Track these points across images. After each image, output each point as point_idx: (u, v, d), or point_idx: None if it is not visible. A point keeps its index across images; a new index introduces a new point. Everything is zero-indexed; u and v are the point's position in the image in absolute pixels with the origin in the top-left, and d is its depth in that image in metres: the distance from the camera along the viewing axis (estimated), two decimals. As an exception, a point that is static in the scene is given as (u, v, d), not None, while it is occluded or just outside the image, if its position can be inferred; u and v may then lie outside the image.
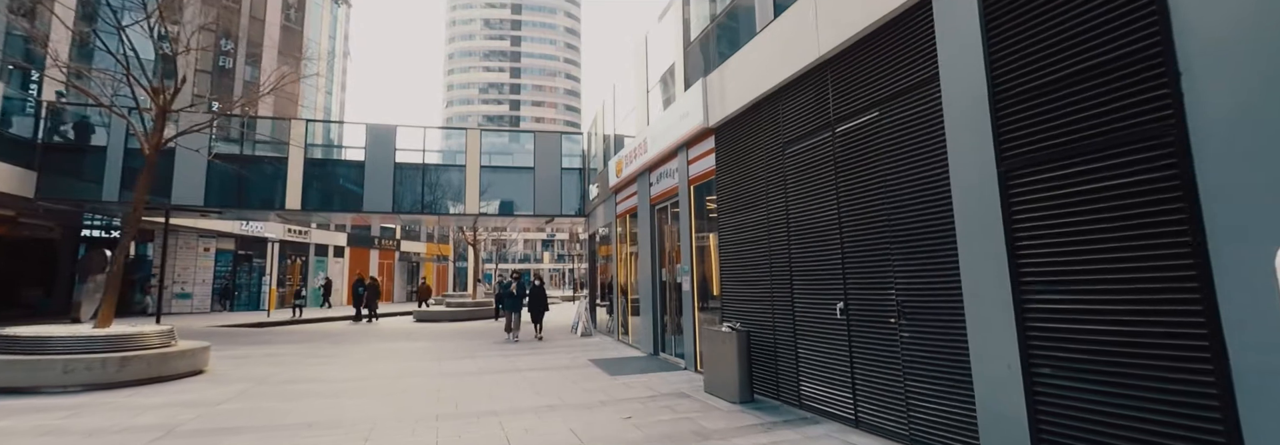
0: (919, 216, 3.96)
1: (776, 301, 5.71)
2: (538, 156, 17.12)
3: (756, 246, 6.10)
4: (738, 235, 6.53)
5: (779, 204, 5.70)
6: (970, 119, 3.50)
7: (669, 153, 8.65)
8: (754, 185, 6.21)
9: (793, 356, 5.43)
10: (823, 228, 5.01)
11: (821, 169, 5.05)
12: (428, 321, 18.58)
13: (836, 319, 4.79)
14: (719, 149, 7.07)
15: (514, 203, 16.73)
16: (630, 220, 11.39)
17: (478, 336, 13.44)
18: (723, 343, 5.90)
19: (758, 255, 6.07)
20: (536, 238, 75.21)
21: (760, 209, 6.05)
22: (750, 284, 6.21)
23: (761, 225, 6.02)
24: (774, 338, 5.74)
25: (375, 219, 19.09)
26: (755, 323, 6.04)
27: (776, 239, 5.73)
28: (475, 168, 16.67)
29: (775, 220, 5.76)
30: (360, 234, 33.13)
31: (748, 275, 6.28)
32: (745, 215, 6.37)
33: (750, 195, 6.28)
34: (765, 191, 5.97)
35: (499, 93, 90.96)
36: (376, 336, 13.89)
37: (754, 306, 6.13)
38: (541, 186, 16.86)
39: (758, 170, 6.15)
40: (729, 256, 6.73)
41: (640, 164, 9.98)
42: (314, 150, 17.40)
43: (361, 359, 9.56)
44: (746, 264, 6.31)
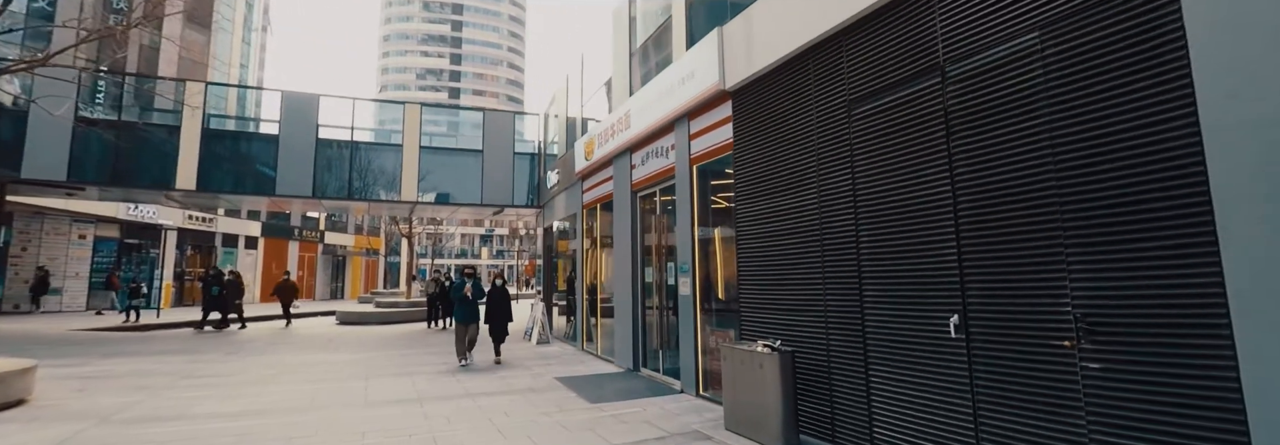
0: (1131, 188, 2.61)
1: (833, 313, 4.29)
2: (488, 138, 15.17)
3: (800, 239, 4.66)
4: (767, 226, 5.08)
5: (840, 182, 4.27)
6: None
7: (662, 127, 7.11)
8: (795, 161, 4.77)
9: (861, 388, 4.02)
10: (921, 212, 3.61)
11: (920, 130, 3.65)
12: (353, 324, 16.25)
13: (945, 338, 3.40)
14: (739, 117, 5.60)
15: (458, 190, 14.72)
16: (601, 210, 9.78)
17: (414, 344, 11.46)
18: (756, 366, 4.43)
19: (802, 251, 4.64)
20: (474, 232, 71.95)
21: (806, 191, 4.62)
22: (788, 288, 4.77)
23: (808, 212, 4.59)
24: (828, 361, 4.32)
25: (294, 205, 16.53)
26: (799, 341, 4.60)
27: (834, 229, 4.30)
28: (414, 149, 14.55)
29: (833, 204, 4.33)
30: (278, 224, 29.79)
31: (784, 277, 4.83)
32: (780, 200, 4.92)
33: (788, 174, 4.84)
34: (815, 168, 4.53)
35: (437, 79, 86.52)
36: (287, 345, 11.64)
37: (793, 319, 4.69)
38: (491, 172, 14.93)
39: (801, 141, 4.71)
40: (753, 253, 5.27)
41: (619, 143, 8.39)
42: (217, 122, 14.79)
43: (260, 379, 7.50)
44: (781, 262, 4.87)
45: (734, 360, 4.68)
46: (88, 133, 12.09)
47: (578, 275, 10.69)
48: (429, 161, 14.65)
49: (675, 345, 7.12)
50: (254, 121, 15.15)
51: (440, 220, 38.13)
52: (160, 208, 20.92)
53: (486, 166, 14.96)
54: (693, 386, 6.22)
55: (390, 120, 16.09)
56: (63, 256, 19.18)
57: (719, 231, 6.27)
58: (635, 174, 8.16)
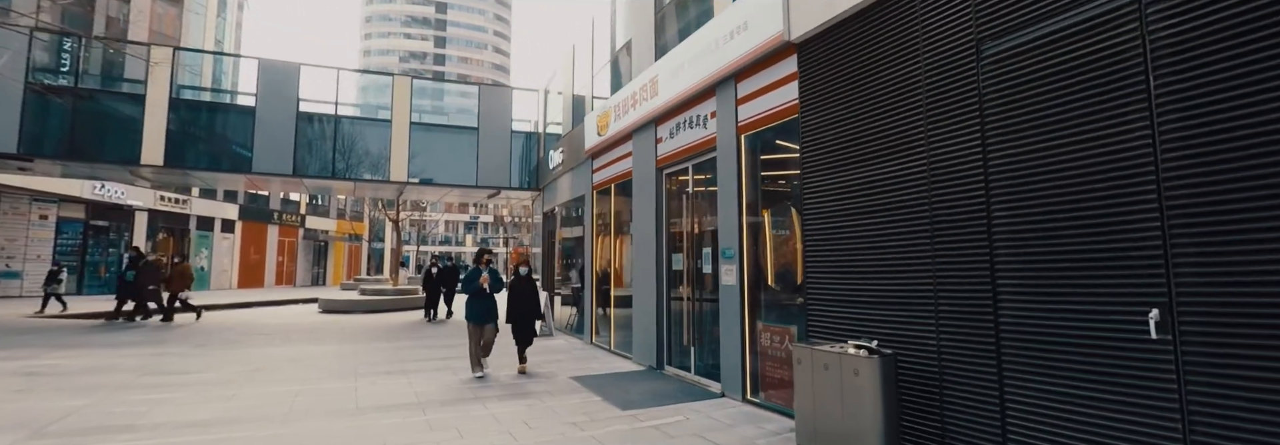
0: None
1: (947, 306, 3.46)
2: (483, 115, 14.12)
3: (897, 218, 3.82)
4: (846, 202, 4.23)
5: (962, 145, 3.42)
6: None
7: (699, 91, 6.20)
8: (890, 122, 3.91)
9: (990, 400, 3.21)
10: (1101, 177, 2.77)
11: (1103, 70, 2.79)
12: (337, 313, 15.23)
13: (1139, 340, 2.59)
14: (808, 74, 4.71)
15: (451, 171, 13.68)
16: (616, 191, 8.87)
17: (405, 335, 10.53)
18: (847, 372, 3.60)
19: (900, 231, 3.80)
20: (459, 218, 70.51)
21: (907, 158, 3.77)
22: (876, 277, 3.94)
23: (910, 183, 3.74)
24: (939, 366, 3.50)
25: (273, 185, 15.38)
26: (894, 341, 3.77)
27: (951, 203, 3.46)
28: (403, 125, 13.47)
29: (950, 173, 3.48)
30: (256, 207, 28.44)
31: (870, 264, 3.99)
32: (865, 170, 4.07)
33: (880, 138, 3.98)
34: (922, 129, 3.68)
35: (421, 62, 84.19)
36: (266, 336, 10.65)
37: (883, 314, 3.87)
38: (487, 152, 13.91)
39: (899, 97, 3.85)
40: (825, 235, 4.42)
41: (642, 114, 7.47)
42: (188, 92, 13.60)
43: (232, 378, 6.55)
44: (868, 246, 4.03)
45: (812, 364, 3.84)
46: (42, 101, 10.88)
47: (585, 263, 9.80)
48: (420, 139, 13.58)
49: (707, 342, 6.30)
50: (229, 93, 13.93)
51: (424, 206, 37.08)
52: (130, 187, 19.60)
53: (482, 145, 13.93)
54: (737, 390, 5.39)
55: (377, 94, 14.95)
56: (22, 238, 17.84)
57: (770, 212, 5.42)
58: (662, 149, 7.25)
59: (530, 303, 7.10)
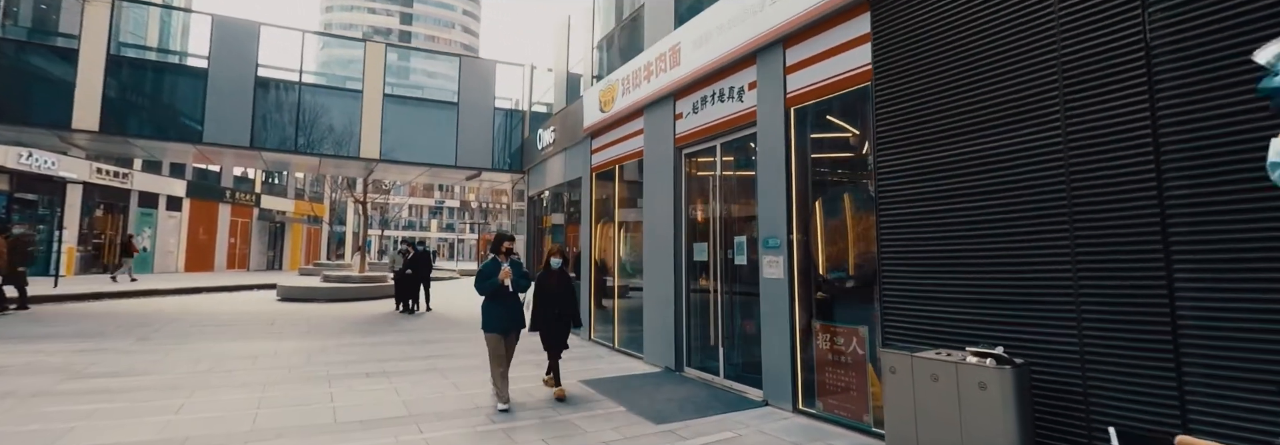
0: None
1: (1093, 305, 2.85)
2: (464, 90, 13.04)
3: (1018, 199, 3.18)
4: (943, 183, 3.57)
5: (1126, 108, 2.78)
6: None
7: (735, 60, 5.45)
8: (1002, 86, 3.25)
9: (1173, 420, 2.61)
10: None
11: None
12: (297, 301, 14.05)
13: None
14: (885, 35, 4.00)
15: (428, 149, 12.60)
16: (621, 174, 8.08)
17: (379, 329, 9.57)
18: (970, 386, 2.95)
19: (1023, 215, 3.16)
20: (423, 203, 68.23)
21: (1035, 126, 3.12)
22: (989, 270, 3.30)
23: (1038, 157, 3.10)
24: (1084, 379, 2.89)
25: (226, 158, 14.00)
26: (1024, 347, 3.14)
27: (1101, 179, 2.83)
28: (376, 97, 12.30)
29: (1099, 142, 2.85)
30: (206, 184, 26.49)
31: (980, 254, 3.35)
32: (970, 144, 3.41)
33: (992, 105, 3.32)
34: (1057, 91, 3.03)
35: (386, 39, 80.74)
36: (219, 328, 9.55)
37: (1002, 314, 3.24)
38: (468, 129, 12.86)
39: (1019, 56, 3.18)
40: (910, 222, 3.77)
41: (658, 87, 6.69)
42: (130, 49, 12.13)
43: (180, 381, 5.59)
44: (973, 234, 3.38)
45: (913, 374, 3.19)
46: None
47: (582, 251, 9.00)
48: (394, 113, 12.44)
49: (740, 341, 5.63)
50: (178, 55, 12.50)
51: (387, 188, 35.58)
52: (63, 157, 17.79)
53: (463, 122, 12.87)
54: (786, 398, 4.73)
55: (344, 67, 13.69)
56: (-68, 213, 15.96)
57: (825, 196, 4.74)
58: (682, 126, 6.49)
59: (565, 303, 5.40)
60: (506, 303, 5.04)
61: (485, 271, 5.03)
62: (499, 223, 62.20)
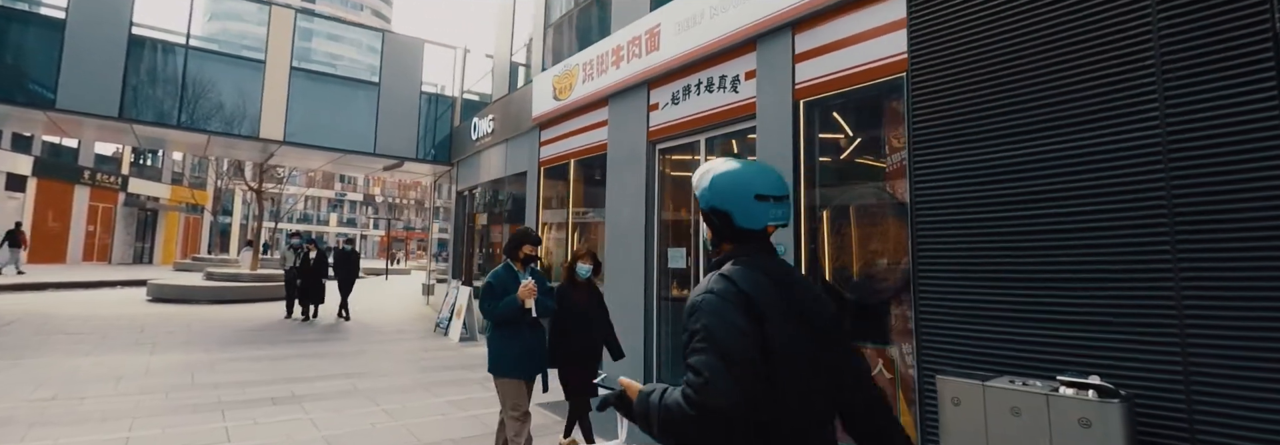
0: None
1: (1199, 326, 2.51)
2: (388, 69, 11.70)
3: (1105, 204, 2.81)
4: (999, 187, 3.17)
5: (1251, 99, 2.46)
6: None
7: (730, 46, 4.91)
8: (1082, 77, 2.88)
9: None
10: None
11: None
12: (173, 302, 12.05)
13: None
14: (924, 19, 3.57)
15: (342, 133, 11.17)
16: (577, 169, 7.34)
17: (278, 339, 8.22)
18: (1062, 422, 2.52)
19: (1108, 223, 2.79)
20: (322, 195, 63.09)
21: (1128, 122, 2.76)
22: (1059, 285, 2.92)
23: (1130, 156, 2.74)
24: (1190, 412, 2.54)
25: (85, 131, 11.76)
26: (1119, 376, 2.76)
27: (1207, 182, 2.50)
28: (282, 69, 10.73)
29: (1213, 139, 2.51)
30: (59, 161, 22.70)
31: (1046, 267, 2.96)
32: (1039, 143, 3.02)
33: (1068, 99, 2.94)
34: (1155, 82, 2.68)
35: (289, 14, 74.13)
36: (72, 335, 7.82)
37: (1077, 335, 2.85)
38: (389, 114, 11.54)
39: (1104, 43, 2.83)
40: (954, 230, 3.35)
41: (628, 75, 6.05)
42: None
43: (12, 413, 4.28)
44: (1037, 244, 2.99)
45: (985, 406, 2.74)
46: None
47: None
48: (303, 90, 10.93)
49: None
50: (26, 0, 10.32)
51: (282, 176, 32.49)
52: None
53: (384, 105, 11.54)
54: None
55: (247, 26, 11.91)
56: None
57: (833, 200, 4.29)
58: (657, 118, 5.87)
59: (600, 327, 4.06)
60: (529, 334, 3.48)
61: (496, 286, 3.42)
62: (403, 220, 58.74)
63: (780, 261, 1.34)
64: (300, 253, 9.97)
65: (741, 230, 1.33)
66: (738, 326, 1.15)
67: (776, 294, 1.23)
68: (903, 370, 3.74)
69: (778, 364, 1.17)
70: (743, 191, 1.32)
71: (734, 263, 1.30)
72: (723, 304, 1.18)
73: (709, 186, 1.37)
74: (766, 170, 1.37)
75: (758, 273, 1.26)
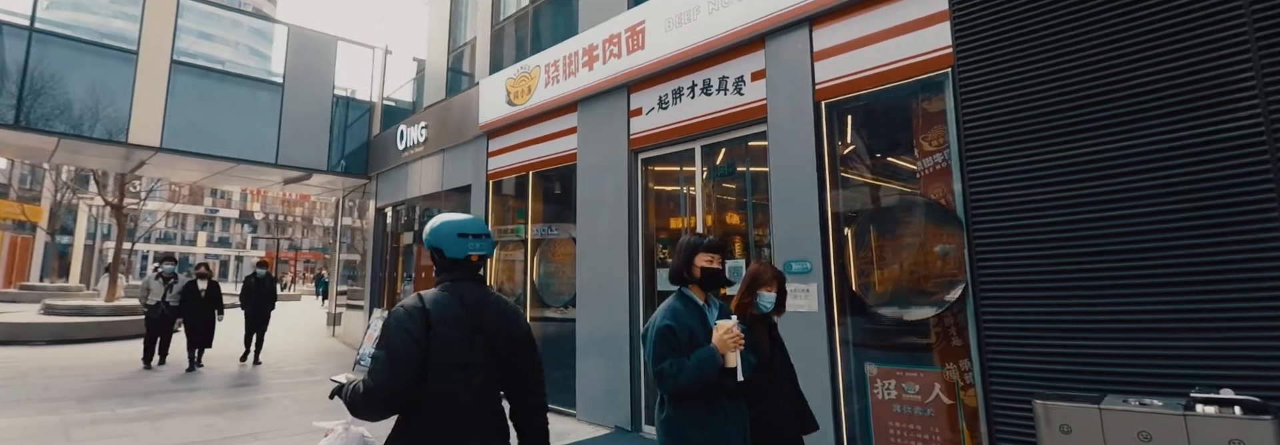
0: None
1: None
2: (294, 68, 10.28)
3: (1203, 202, 2.58)
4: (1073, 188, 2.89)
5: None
6: None
7: (734, 44, 4.50)
8: (1164, 67, 2.70)
9: None
10: None
11: None
12: (4, 344, 9.67)
13: None
14: (970, 10, 3.32)
15: (236, 140, 9.60)
16: (536, 183, 6.60)
17: (150, 388, 6.66)
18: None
19: (1215, 222, 2.56)
20: (190, 211, 56.00)
21: (1221, 112, 2.57)
22: (1148, 291, 2.65)
23: (1226, 150, 2.54)
24: None
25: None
26: (1242, 387, 2.48)
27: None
28: (159, 63, 9.07)
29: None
30: None
31: (1132, 272, 2.69)
32: (1118, 139, 2.79)
33: (1149, 91, 2.73)
34: (1252, 69, 2.51)
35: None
36: None
37: (1200, 345, 2.58)
38: (296, 119, 10.11)
39: (1192, 30, 2.65)
40: (1020, 237, 3.04)
41: (603, 77, 5.52)
42: None
43: None
44: (1121, 248, 2.73)
45: (1109, 433, 2.35)
46: None
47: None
48: (187, 88, 9.30)
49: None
50: None
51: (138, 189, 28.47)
52: None
53: (289, 109, 10.10)
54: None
55: (121, 6, 10.05)
56: None
57: (860, 208, 3.93)
58: (640, 124, 5.32)
59: (792, 387, 2.65)
60: (731, 409, 2.17)
61: (680, 332, 2.14)
62: (287, 239, 53.39)
63: (477, 287, 1.82)
64: (170, 283, 7.94)
65: (450, 260, 1.83)
66: (409, 332, 1.62)
67: (459, 309, 1.72)
68: (963, 394, 3.36)
69: (433, 359, 1.63)
70: (450, 231, 1.82)
71: (440, 286, 1.79)
72: (406, 315, 1.66)
73: (429, 231, 1.87)
74: (471, 218, 1.89)
75: (449, 295, 1.74)
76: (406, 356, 1.61)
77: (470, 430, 1.70)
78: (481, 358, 1.73)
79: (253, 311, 8.43)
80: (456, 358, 1.69)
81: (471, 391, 1.71)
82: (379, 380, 1.59)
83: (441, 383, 1.65)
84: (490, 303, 1.83)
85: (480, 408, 1.73)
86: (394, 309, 1.71)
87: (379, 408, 1.61)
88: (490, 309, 1.81)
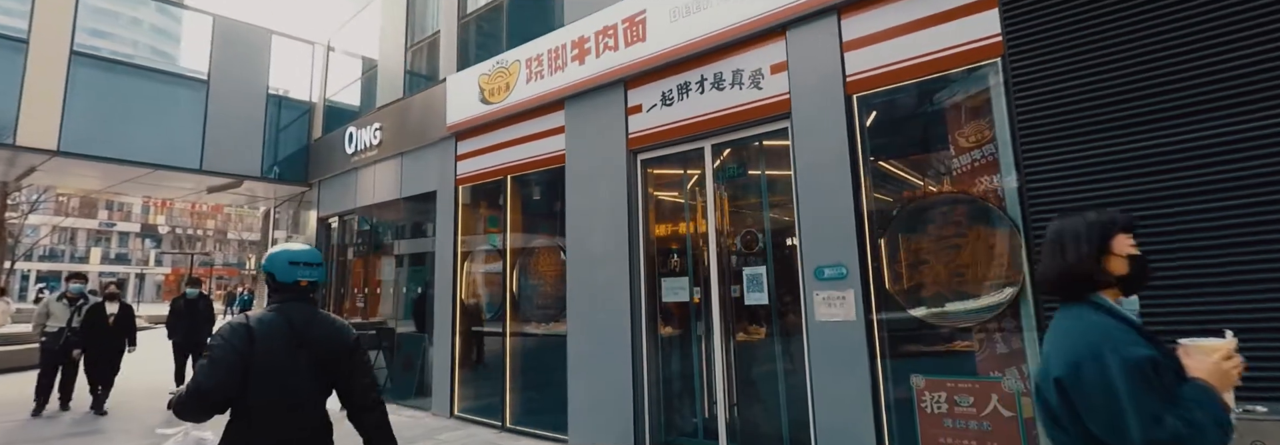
0: None
1: None
2: (221, 63, 9.22)
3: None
4: (1155, 180, 2.75)
5: None
6: None
7: (750, 35, 4.22)
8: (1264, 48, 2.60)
9: None
10: None
11: None
12: None
13: None
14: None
15: (152, 143, 8.46)
16: (514, 188, 6.07)
17: (42, 437, 5.61)
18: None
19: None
20: (82, 225, 50.48)
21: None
22: (1259, 287, 2.51)
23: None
24: None
25: None
26: None
27: None
28: (56, 52, 7.87)
29: None
30: None
31: (1240, 268, 2.55)
32: (1219, 124, 2.66)
33: (1243, 73, 2.63)
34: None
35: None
36: None
37: None
38: (223, 120, 9.05)
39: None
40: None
41: (597, 71, 5.14)
42: None
43: None
44: (1235, 241, 2.59)
45: None
46: None
47: (438, 292, 6.54)
48: (91, 84, 8.14)
49: (762, 404, 4.19)
50: None
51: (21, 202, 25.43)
52: None
53: (216, 109, 9.04)
54: (881, 492, 3.41)
55: None
56: None
57: (895, 208, 3.70)
58: (640, 123, 4.93)
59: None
60: None
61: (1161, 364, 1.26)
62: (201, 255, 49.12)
63: (305, 307, 2.10)
64: (79, 305, 6.62)
65: (280, 284, 2.11)
66: (232, 345, 1.90)
67: (284, 325, 2.01)
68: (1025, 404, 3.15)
69: (257, 369, 1.91)
70: (283, 259, 2.11)
71: (269, 307, 2.08)
72: (230, 331, 1.95)
73: (267, 258, 2.14)
74: (307, 249, 2.18)
75: (275, 314, 2.03)
76: (226, 362, 1.87)
77: (295, 429, 2.00)
78: (305, 367, 2.00)
79: (183, 339, 7.17)
80: (279, 367, 1.95)
81: (295, 396, 2.00)
82: (200, 381, 1.84)
83: (265, 389, 1.92)
84: (316, 320, 2.11)
85: (305, 410, 2.03)
86: (220, 327, 1.99)
87: (200, 405, 1.85)
88: (316, 326, 2.09)
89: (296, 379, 2.00)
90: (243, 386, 1.89)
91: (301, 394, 2.01)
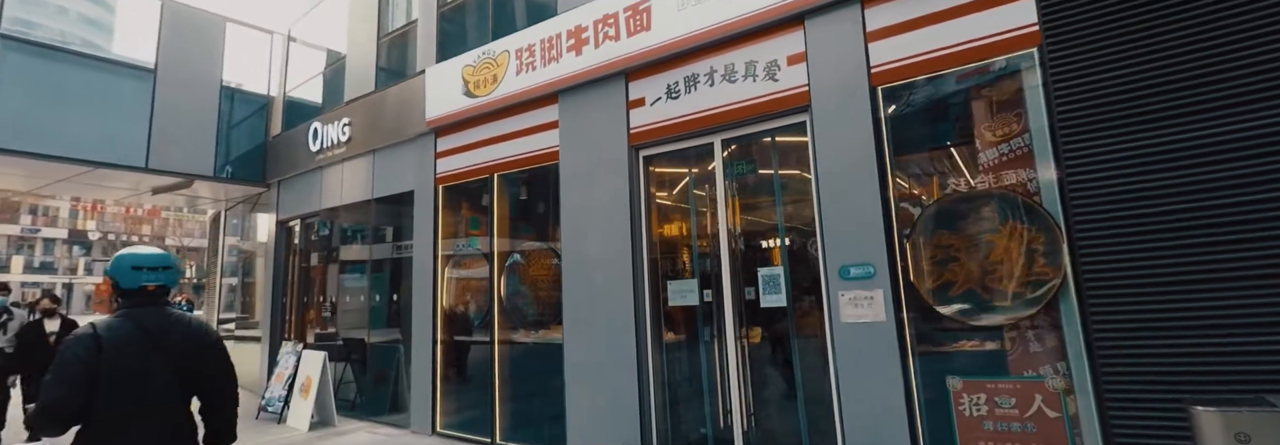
0: None
1: None
2: (169, 51, 8.51)
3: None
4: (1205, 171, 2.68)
5: None
6: None
7: (766, 24, 4.04)
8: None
9: None
10: None
11: None
12: None
13: None
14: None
15: (89, 139, 7.70)
16: (501, 187, 5.73)
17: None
18: None
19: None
20: (2, 232, 46.72)
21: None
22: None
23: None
24: None
25: None
26: None
27: None
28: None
29: None
30: None
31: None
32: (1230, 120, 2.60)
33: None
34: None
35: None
36: None
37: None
38: (172, 113, 8.34)
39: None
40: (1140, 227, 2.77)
41: (595, 63, 4.90)
42: None
43: None
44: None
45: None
46: None
47: (416, 299, 6.11)
48: (22, 72, 7.37)
49: (780, 410, 3.98)
50: None
51: None
52: None
53: (164, 101, 8.33)
54: (920, 502, 3.22)
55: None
56: None
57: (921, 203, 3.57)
58: (643, 117, 4.69)
59: None
60: None
61: None
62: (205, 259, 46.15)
63: (157, 311, 2.08)
64: (4, 321, 5.88)
65: (125, 290, 2.07)
66: (77, 356, 1.86)
67: (133, 331, 1.98)
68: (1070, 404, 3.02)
69: (105, 378, 1.87)
70: (126, 265, 2.06)
71: (116, 313, 2.04)
72: (76, 342, 1.90)
73: (111, 263, 2.09)
74: (153, 253, 2.15)
75: (124, 320, 2.00)
76: (70, 375, 1.84)
77: (151, 429, 1.98)
78: (160, 370, 1.98)
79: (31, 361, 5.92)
80: (132, 373, 1.93)
81: (150, 398, 1.98)
82: (45, 398, 1.81)
83: (117, 397, 1.89)
84: (172, 322, 2.08)
85: (161, 411, 2.01)
86: (67, 338, 1.95)
87: (51, 421, 1.82)
88: (172, 329, 2.06)
89: (153, 383, 1.97)
90: (91, 396, 1.85)
91: (158, 400, 1.99)
